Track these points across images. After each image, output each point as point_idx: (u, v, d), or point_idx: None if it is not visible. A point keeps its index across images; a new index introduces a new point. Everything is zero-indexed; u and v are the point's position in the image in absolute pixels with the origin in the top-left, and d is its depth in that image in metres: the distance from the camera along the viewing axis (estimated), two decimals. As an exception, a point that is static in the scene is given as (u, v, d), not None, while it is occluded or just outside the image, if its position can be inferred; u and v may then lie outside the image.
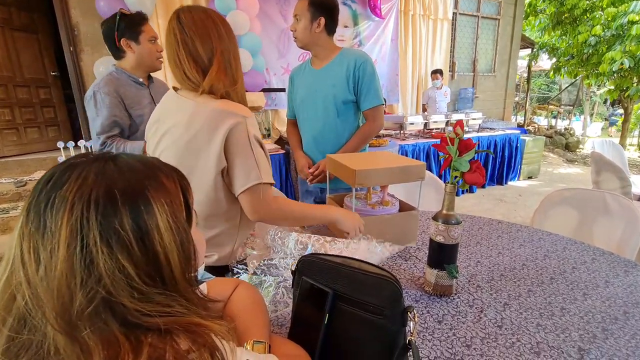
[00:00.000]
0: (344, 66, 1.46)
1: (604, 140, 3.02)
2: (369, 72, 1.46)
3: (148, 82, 1.59)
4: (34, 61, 3.75)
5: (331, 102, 1.48)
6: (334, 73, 1.48)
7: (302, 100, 1.56)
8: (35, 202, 0.35)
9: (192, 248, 0.41)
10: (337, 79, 1.47)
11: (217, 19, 0.88)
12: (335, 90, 1.47)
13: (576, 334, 0.71)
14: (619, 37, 5.45)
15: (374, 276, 0.56)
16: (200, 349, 0.34)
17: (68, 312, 0.32)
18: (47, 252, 0.33)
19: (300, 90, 1.57)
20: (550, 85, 13.31)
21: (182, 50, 0.84)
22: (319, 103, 1.50)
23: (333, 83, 1.47)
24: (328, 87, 1.47)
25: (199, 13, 0.86)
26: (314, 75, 1.52)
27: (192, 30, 0.84)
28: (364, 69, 1.45)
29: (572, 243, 1.13)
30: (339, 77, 1.46)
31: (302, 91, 1.56)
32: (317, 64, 1.53)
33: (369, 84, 1.46)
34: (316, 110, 1.52)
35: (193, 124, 0.84)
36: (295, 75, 1.62)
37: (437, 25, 4.96)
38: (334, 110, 1.49)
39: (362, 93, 1.47)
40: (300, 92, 1.56)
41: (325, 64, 1.50)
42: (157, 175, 0.40)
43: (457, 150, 0.78)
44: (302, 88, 1.56)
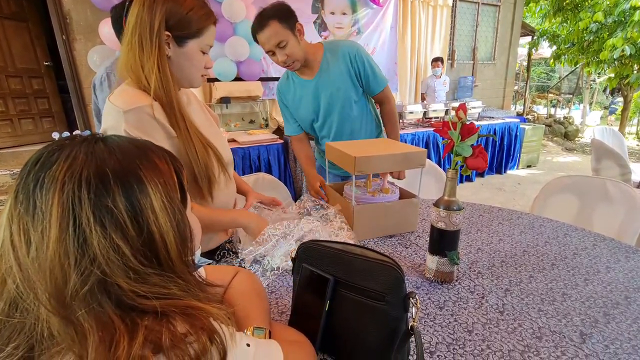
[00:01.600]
0: (341, 63, 1.38)
1: (604, 128, 3.01)
2: (365, 58, 1.40)
3: None
4: (25, 50, 3.68)
5: (344, 104, 1.42)
6: (332, 76, 1.39)
7: (311, 115, 1.46)
8: (24, 183, 0.33)
9: (188, 230, 0.40)
10: (339, 80, 1.39)
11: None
12: (342, 92, 1.40)
13: (578, 319, 0.70)
14: (621, 24, 5.38)
15: (376, 262, 0.55)
16: (198, 332, 0.34)
17: (62, 293, 0.32)
18: (38, 233, 0.32)
19: (304, 107, 1.46)
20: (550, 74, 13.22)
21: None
22: (332, 109, 1.42)
23: (337, 87, 1.39)
24: (334, 91, 1.40)
25: None
26: (312, 87, 1.41)
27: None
28: (359, 57, 1.38)
29: (573, 229, 1.12)
30: (340, 76, 1.39)
31: (307, 107, 1.45)
32: (307, 74, 1.41)
33: (371, 69, 1.41)
34: (333, 118, 1.45)
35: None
36: (285, 93, 1.49)
37: (437, 12, 4.88)
38: (351, 110, 1.44)
39: (370, 79, 1.42)
40: (305, 109, 1.46)
41: (316, 72, 1.40)
42: (149, 156, 0.39)
43: (459, 134, 0.76)
44: (306, 104, 1.45)
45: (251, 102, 3.60)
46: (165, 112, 0.79)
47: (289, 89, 1.47)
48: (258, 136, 3.14)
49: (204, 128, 0.89)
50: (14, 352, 0.32)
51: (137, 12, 0.75)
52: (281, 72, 4.06)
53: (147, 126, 0.76)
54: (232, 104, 3.45)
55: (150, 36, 0.74)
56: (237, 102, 3.49)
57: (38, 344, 0.32)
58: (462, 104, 0.78)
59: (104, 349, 0.30)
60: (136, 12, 0.75)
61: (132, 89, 0.77)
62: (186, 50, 0.80)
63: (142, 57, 0.75)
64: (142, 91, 0.77)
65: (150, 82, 0.75)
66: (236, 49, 3.09)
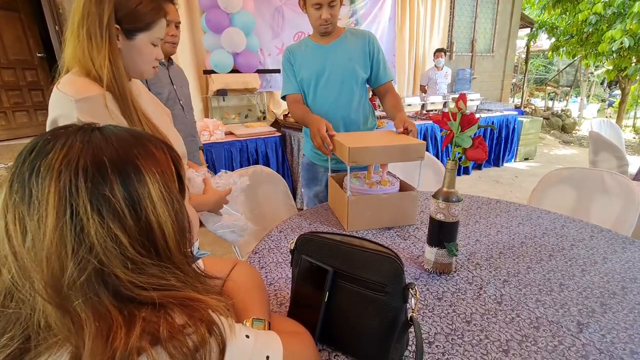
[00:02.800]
0: (359, 41, 1.42)
1: (601, 120, 3.01)
2: (380, 48, 1.46)
3: (168, 64, 1.56)
4: (18, 41, 3.61)
5: (349, 76, 1.42)
6: (348, 47, 1.42)
7: (314, 76, 1.44)
8: (19, 172, 0.33)
9: (186, 220, 0.40)
10: (354, 52, 1.42)
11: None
12: (352, 64, 1.41)
13: (575, 309, 0.71)
14: (620, 15, 5.35)
15: (375, 253, 0.55)
16: (197, 324, 0.33)
17: (59, 282, 0.31)
18: (34, 222, 0.32)
19: (309, 67, 1.45)
20: (548, 67, 13.18)
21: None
22: (336, 77, 1.43)
23: (349, 56, 1.41)
24: (345, 61, 1.41)
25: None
26: (324, 51, 1.43)
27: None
28: (377, 44, 1.45)
29: (571, 221, 1.13)
30: (355, 50, 1.42)
31: (312, 67, 1.44)
32: (324, 40, 1.44)
33: (383, 58, 1.46)
34: (333, 86, 1.44)
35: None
36: (295, 52, 1.49)
37: (436, 4, 4.83)
38: (353, 84, 1.44)
39: (380, 67, 1.45)
40: (310, 69, 1.45)
41: (334, 39, 1.43)
42: (146, 145, 0.39)
43: (459, 125, 0.76)
44: (312, 64, 1.44)
45: (248, 95, 3.57)
46: (117, 102, 0.78)
47: (300, 49, 1.48)
48: (256, 129, 3.12)
49: (156, 120, 0.89)
50: (9, 343, 0.32)
51: (84, 5, 0.73)
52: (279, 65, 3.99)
53: (100, 115, 0.75)
54: (229, 97, 3.42)
55: (100, 30, 0.73)
56: (234, 94, 3.46)
57: (35, 335, 0.32)
58: (462, 94, 0.77)
59: (100, 339, 0.30)
60: (82, 3, 0.73)
61: (81, 78, 0.76)
62: (136, 44, 0.80)
63: (92, 51, 0.74)
64: (92, 80, 0.76)
65: (102, 75, 0.74)
66: (233, 40, 3.05)
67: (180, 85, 1.61)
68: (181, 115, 1.57)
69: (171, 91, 1.52)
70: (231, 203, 0.99)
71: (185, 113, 1.60)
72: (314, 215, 1.21)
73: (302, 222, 1.15)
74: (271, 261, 0.91)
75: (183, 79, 1.68)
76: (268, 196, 1.54)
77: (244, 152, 2.97)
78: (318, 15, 1.32)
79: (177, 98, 1.56)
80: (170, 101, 1.51)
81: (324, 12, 1.31)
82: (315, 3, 1.30)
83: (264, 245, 1.00)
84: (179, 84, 1.60)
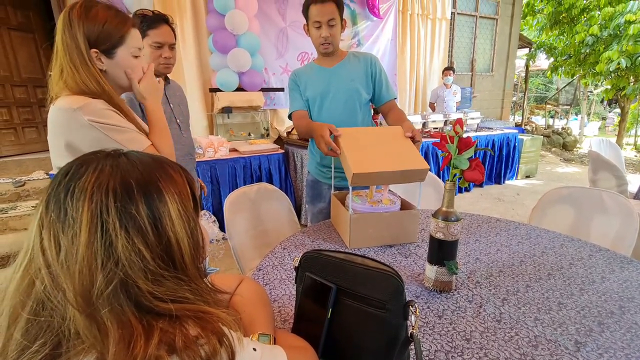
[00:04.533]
0: (361, 63, 1.49)
1: (600, 139, 3.04)
2: (382, 68, 1.53)
3: (164, 83, 1.58)
4: (31, 60, 3.74)
5: (352, 97, 1.48)
6: (350, 69, 1.48)
7: (319, 97, 1.49)
8: (55, 192, 0.37)
9: (200, 236, 0.43)
10: (356, 74, 1.48)
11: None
12: (355, 85, 1.47)
13: (573, 328, 0.72)
14: (616, 37, 5.49)
15: (376, 271, 0.57)
16: (209, 336, 0.36)
17: (89, 293, 0.34)
18: (68, 238, 0.35)
19: (314, 88, 1.50)
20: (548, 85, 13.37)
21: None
22: (340, 97, 1.48)
23: (351, 78, 1.48)
24: (347, 82, 1.47)
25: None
26: (328, 73, 1.49)
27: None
28: (378, 65, 1.51)
29: (569, 240, 1.15)
30: (357, 72, 1.48)
31: (317, 88, 1.50)
32: (327, 63, 1.51)
33: (385, 78, 1.52)
34: (337, 106, 1.49)
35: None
36: (301, 75, 1.55)
37: (436, 25, 4.98)
38: (356, 104, 1.49)
39: (382, 86, 1.51)
40: (315, 89, 1.50)
41: (337, 62, 1.50)
42: (166, 169, 0.43)
43: (456, 148, 0.79)
44: (317, 85, 1.50)
45: (252, 112, 3.65)
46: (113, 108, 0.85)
47: (305, 72, 1.55)
48: (259, 146, 3.17)
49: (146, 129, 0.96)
50: (40, 349, 0.34)
51: (62, 37, 0.80)
52: (283, 84, 4.07)
53: (103, 113, 0.81)
54: (234, 114, 3.50)
55: (80, 57, 0.80)
56: (239, 111, 3.54)
57: (65, 342, 0.34)
58: (459, 118, 0.81)
59: (123, 346, 0.33)
60: (60, 37, 0.80)
61: (72, 95, 0.81)
62: (117, 60, 0.86)
63: (79, 76, 0.80)
64: (85, 97, 0.81)
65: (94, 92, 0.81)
66: (238, 60, 3.15)
67: (178, 103, 1.63)
68: (177, 134, 1.58)
69: (166, 111, 1.54)
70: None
71: (182, 132, 1.61)
72: (317, 232, 1.24)
73: (305, 240, 1.17)
74: (275, 278, 0.93)
75: (181, 97, 1.69)
76: (272, 213, 1.57)
77: (248, 168, 3.01)
78: (318, 34, 1.39)
79: (174, 117, 1.57)
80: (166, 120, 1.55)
81: (324, 31, 1.38)
82: (315, 21, 1.37)
83: (268, 262, 1.02)
84: (177, 102, 1.62)
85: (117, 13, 0.85)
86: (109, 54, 0.85)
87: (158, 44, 1.44)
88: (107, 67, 0.85)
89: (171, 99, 1.59)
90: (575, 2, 6.21)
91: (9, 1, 3.49)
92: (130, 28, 0.87)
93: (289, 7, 3.74)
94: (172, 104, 1.58)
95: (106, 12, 0.83)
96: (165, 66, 1.50)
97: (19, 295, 0.36)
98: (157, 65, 1.49)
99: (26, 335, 0.35)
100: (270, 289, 0.88)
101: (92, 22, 0.81)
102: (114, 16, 0.84)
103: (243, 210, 1.46)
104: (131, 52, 0.88)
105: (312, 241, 1.16)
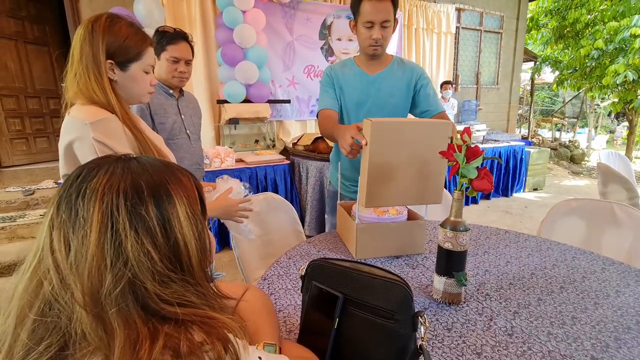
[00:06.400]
0: (405, 75, 1.38)
1: (609, 152, 3.01)
2: (427, 80, 1.41)
3: (178, 95, 1.63)
4: (45, 72, 3.85)
5: (389, 114, 1.39)
6: (393, 80, 1.37)
7: (355, 105, 1.40)
8: (66, 194, 0.37)
9: (207, 239, 0.43)
10: (397, 88, 1.38)
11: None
12: (394, 101, 1.38)
13: (588, 343, 0.70)
14: (622, 51, 5.49)
15: (384, 280, 0.56)
16: (214, 342, 0.35)
17: (97, 293, 0.34)
18: (78, 238, 0.35)
19: (350, 95, 1.40)
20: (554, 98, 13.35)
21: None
22: (377, 111, 1.38)
23: (392, 93, 1.37)
24: (386, 97, 1.37)
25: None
26: (368, 82, 1.38)
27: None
28: (425, 77, 1.40)
29: (581, 252, 1.12)
30: (399, 86, 1.38)
31: (354, 96, 1.39)
32: (369, 69, 1.38)
33: (432, 90, 1.41)
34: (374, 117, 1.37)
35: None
36: (338, 73, 1.41)
37: (441, 39, 5.03)
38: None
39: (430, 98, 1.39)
40: (351, 97, 1.40)
41: (379, 71, 1.38)
42: (175, 173, 0.43)
43: (464, 157, 0.78)
44: (354, 93, 1.39)
45: (259, 123, 3.69)
46: (124, 124, 0.87)
47: (344, 72, 1.41)
48: (265, 156, 3.19)
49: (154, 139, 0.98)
50: (45, 350, 0.34)
51: (81, 45, 0.84)
52: (289, 96, 4.12)
53: (113, 134, 0.84)
54: (241, 125, 3.54)
55: (96, 66, 0.84)
56: (245, 123, 3.58)
57: (71, 344, 0.34)
58: (466, 127, 0.80)
59: (128, 348, 0.32)
60: (79, 45, 0.84)
61: (89, 106, 0.84)
62: (130, 74, 0.90)
63: (93, 84, 0.84)
64: (99, 107, 0.84)
65: (107, 103, 0.85)
66: (246, 73, 3.21)
67: (190, 115, 1.67)
68: (187, 144, 1.62)
69: (176, 121, 1.58)
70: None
71: (191, 142, 1.65)
72: (323, 242, 1.22)
73: (310, 249, 1.16)
74: (280, 287, 0.92)
75: (195, 109, 1.74)
76: (277, 223, 1.57)
77: (254, 179, 3.02)
78: (369, 35, 1.27)
79: (184, 128, 1.61)
80: (175, 131, 1.57)
81: (375, 32, 1.25)
82: (368, 21, 1.24)
83: (273, 271, 1.01)
84: (189, 113, 1.66)
85: (137, 31, 0.90)
86: (124, 67, 0.88)
87: (175, 58, 1.51)
88: (119, 78, 0.89)
89: (183, 110, 1.64)
90: (579, 17, 6.25)
91: (27, 16, 3.62)
92: (148, 47, 0.92)
93: (296, 22, 3.81)
94: (183, 115, 1.62)
95: (128, 29, 0.88)
96: (180, 80, 1.56)
97: (27, 295, 0.36)
98: (172, 78, 1.54)
99: (32, 336, 0.34)
100: (275, 298, 0.87)
101: (114, 35, 0.85)
102: (135, 34, 0.89)
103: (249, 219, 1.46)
104: (143, 69, 0.92)
105: (317, 251, 1.15)
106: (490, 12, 5.52)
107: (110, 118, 0.84)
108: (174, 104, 1.60)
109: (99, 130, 0.80)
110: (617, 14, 5.55)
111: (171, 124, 1.56)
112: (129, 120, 0.89)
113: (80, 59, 0.84)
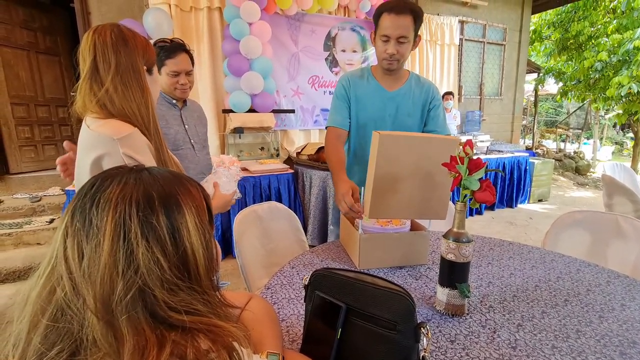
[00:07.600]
0: (422, 94, 1.38)
1: (614, 164, 2.99)
2: (439, 101, 1.41)
3: (182, 105, 1.65)
4: (55, 82, 3.93)
5: (403, 131, 1.36)
6: (409, 101, 1.36)
7: (370, 122, 1.38)
8: (81, 203, 0.39)
9: (214, 248, 0.44)
10: (413, 108, 1.37)
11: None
12: (411, 121, 1.38)
13: (593, 357, 0.69)
14: (625, 62, 5.51)
15: (387, 290, 0.57)
16: (220, 350, 0.36)
17: (109, 300, 0.36)
18: (91, 246, 0.36)
19: (366, 110, 1.38)
20: (558, 109, 13.35)
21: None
22: (390, 129, 1.37)
23: (409, 112, 1.37)
24: (404, 116, 1.37)
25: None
26: (386, 99, 1.36)
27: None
28: (437, 98, 1.40)
29: (586, 265, 1.11)
30: (415, 105, 1.38)
31: (370, 112, 1.37)
32: (388, 85, 1.36)
33: (443, 113, 1.42)
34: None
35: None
36: (355, 84, 1.38)
37: (444, 50, 5.09)
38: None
39: (439, 119, 1.40)
40: (367, 113, 1.38)
41: (398, 87, 1.36)
42: (184, 184, 0.45)
43: (467, 169, 0.79)
44: (371, 109, 1.37)
45: (263, 133, 3.72)
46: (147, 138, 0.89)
47: (361, 83, 1.39)
48: (269, 165, 3.21)
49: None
50: (57, 355, 0.35)
51: (116, 58, 0.83)
52: (294, 105, 4.15)
53: (140, 148, 0.85)
54: (245, 134, 3.58)
55: (135, 77, 0.86)
56: (250, 132, 3.62)
57: (83, 350, 0.35)
58: (468, 139, 0.81)
59: (137, 354, 0.33)
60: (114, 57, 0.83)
61: (110, 119, 0.85)
62: (154, 76, 0.95)
63: (129, 95, 0.85)
64: (122, 121, 0.85)
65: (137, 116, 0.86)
66: (251, 83, 3.26)
67: (194, 124, 1.68)
68: (191, 154, 1.62)
69: (179, 132, 1.59)
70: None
71: (195, 152, 1.65)
72: (326, 252, 1.23)
73: (314, 259, 1.16)
74: (283, 297, 0.92)
75: (199, 118, 1.74)
76: (281, 232, 1.57)
77: (257, 187, 3.04)
78: (384, 49, 1.25)
79: (188, 137, 1.62)
80: (179, 141, 1.58)
81: (390, 47, 1.23)
82: (384, 35, 1.23)
83: (277, 280, 1.01)
84: (193, 123, 1.67)
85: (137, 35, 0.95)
86: (150, 72, 0.93)
87: (175, 72, 1.53)
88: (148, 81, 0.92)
89: (186, 120, 1.65)
90: (582, 29, 6.30)
91: (40, 27, 3.72)
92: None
93: (301, 34, 3.88)
94: (186, 125, 1.63)
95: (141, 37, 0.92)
96: (182, 91, 1.58)
97: (40, 301, 0.37)
98: (174, 90, 1.56)
99: (45, 341, 0.35)
100: (278, 308, 0.87)
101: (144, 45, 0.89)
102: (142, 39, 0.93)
103: (252, 228, 1.47)
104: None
105: (320, 260, 1.15)
106: (493, 24, 5.57)
107: (135, 132, 0.85)
108: (176, 114, 1.62)
109: (127, 145, 0.82)
110: (620, 27, 5.59)
111: (174, 134, 1.57)
112: (157, 133, 0.91)
113: (116, 70, 0.83)
